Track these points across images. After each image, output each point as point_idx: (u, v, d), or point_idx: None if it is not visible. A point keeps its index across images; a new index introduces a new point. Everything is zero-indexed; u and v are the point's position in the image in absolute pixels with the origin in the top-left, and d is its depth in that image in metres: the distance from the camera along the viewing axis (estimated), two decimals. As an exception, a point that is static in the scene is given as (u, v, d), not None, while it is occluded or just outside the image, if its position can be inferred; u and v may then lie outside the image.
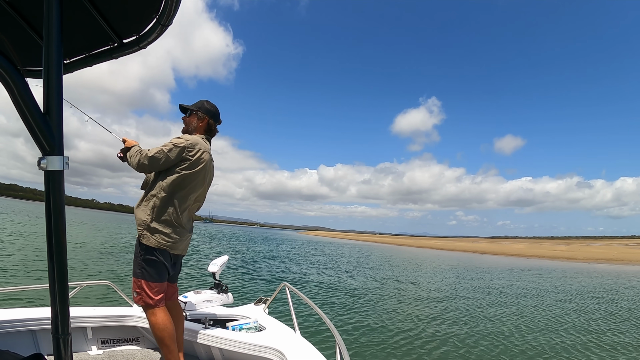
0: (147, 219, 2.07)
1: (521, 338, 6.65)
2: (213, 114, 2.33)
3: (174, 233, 2.12)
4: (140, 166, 2.08)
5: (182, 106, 2.33)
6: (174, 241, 2.12)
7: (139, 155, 2.07)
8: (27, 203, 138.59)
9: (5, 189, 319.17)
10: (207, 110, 2.31)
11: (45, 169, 0.80)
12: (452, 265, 26.15)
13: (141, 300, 2.10)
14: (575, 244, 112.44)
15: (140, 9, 1.14)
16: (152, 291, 2.09)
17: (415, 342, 5.95)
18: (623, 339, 7.00)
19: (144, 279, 2.08)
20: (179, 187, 2.12)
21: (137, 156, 2.08)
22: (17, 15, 1.21)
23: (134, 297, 2.14)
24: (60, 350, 0.85)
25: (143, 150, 2.11)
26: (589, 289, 15.18)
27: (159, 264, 2.11)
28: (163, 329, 2.07)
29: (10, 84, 0.76)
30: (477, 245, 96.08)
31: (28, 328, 2.30)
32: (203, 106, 2.31)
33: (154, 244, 2.07)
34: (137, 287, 2.10)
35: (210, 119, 2.32)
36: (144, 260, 2.08)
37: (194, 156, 2.14)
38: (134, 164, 2.08)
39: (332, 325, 2.01)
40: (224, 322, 2.70)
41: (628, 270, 30.07)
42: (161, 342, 2.08)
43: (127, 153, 2.14)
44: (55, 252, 0.84)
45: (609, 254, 57.39)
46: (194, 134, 2.27)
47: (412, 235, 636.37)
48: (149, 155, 2.05)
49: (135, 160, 2.08)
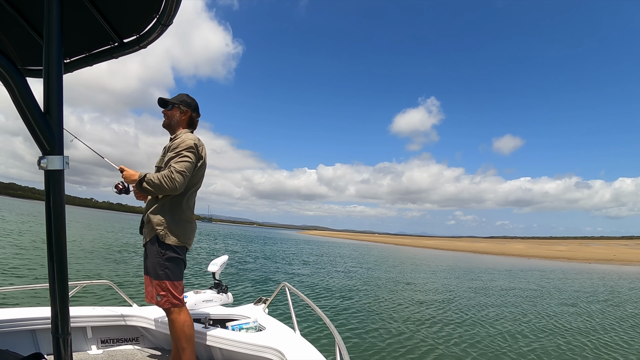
0: (165, 218, 2.10)
1: (525, 341, 6.58)
2: (195, 107, 2.34)
3: (190, 229, 2.21)
4: (180, 187, 2.02)
5: (162, 99, 2.29)
6: (190, 237, 2.21)
7: (166, 179, 2.00)
8: (26, 202, 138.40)
9: (4, 188, 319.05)
10: (188, 103, 2.32)
11: (45, 168, 0.80)
12: (452, 266, 26.16)
13: (167, 302, 2.08)
14: (575, 244, 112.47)
15: (140, 9, 1.14)
16: (177, 290, 2.12)
17: (416, 342, 5.95)
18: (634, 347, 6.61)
19: (168, 280, 2.08)
20: (191, 184, 2.18)
21: (166, 181, 1.99)
22: (18, 15, 1.21)
23: (158, 300, 2.09)
24: (60, 349, 0.84)
25: (163, 172, 2.03)
26: (593, 291, 14.96)
27: (180, 262, 2.16)
28: (188, 327, 2.10)
29: (10, 83, 0.76)
30: (476, 245, 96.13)
31: (28, 328, 2.30)
32: (184, 100, 2.31)
33: (175, 242, 2.11)
34: (161, 290, 2.07)
35: (193, 112, 2.33)
36: (168, 260, 2.09)
37: (202, 152, 2.21)
38: (170, 189, 2.01)
39: (332, 325, 2.01)
40: (224, 322, 2.70)
41: (630, 271, 30.00)
42: (181, 342, 2.08)
43: (142, 185, 2.04)
44: (55, 252, 0.83)
45: (610, 255, 57.42)
46: (177, 128, 2.29)
47: (410, 235, 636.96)
48: (179, 170, 2.02)
49: (167, 186, 1.99)
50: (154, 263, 2.09)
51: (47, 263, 0.85)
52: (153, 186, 2.02)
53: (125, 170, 2.13)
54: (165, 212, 2.11)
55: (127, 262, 12.02)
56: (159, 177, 2.02)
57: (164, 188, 2.01)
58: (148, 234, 2.14)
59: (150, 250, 2.12)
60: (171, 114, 2.29)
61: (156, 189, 2.03)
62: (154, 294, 2.10)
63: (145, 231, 2.17)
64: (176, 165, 2.04)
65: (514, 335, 6.91)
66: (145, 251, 2.17)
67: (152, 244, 2.11)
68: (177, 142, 2.16)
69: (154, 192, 2.06)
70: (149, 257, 2.13)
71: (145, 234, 2.17)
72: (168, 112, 2.30)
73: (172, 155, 2.10)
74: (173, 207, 2.13)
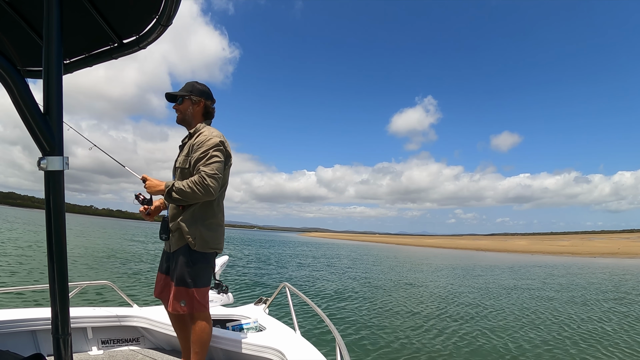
0: (197, 225, 1.93)
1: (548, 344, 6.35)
2: (208, 94, 2.10)
3: (221, 233, 2.05)
4: (215, 192, 1.85)
5: (169, 94, 2.07)
6: (221, 241, 2.06)
7: (199, 186, 1.81)
8: (26, 211, 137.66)
9: (3, 197, 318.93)
10: (201, 91, 2.08)
11: (45, 169, 0.80)
12: (456, 264, 25.96)
13: (192, 309, 1.95)
14: (577, 239, 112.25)
15: (140, 9, 1.14)
16: (205, 297, 1.99)
17: (417, 342, 5.93)
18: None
19: (196, 287, 1.94)
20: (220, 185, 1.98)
21: (199, 188, 1.81)
22: (17, 16, 1.22)
23: (182, 306, 1.94)
24: (60, 350, 0.84)
25: (193, 178, 1.83)
26: (601, 286, 14.35)
27: (210, 268, 2.04)
28: (207, 334, 2.00)
29: (10, 84, 0.76)
30: (478, 242, 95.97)
31: (28, 328, 2.30)
32: (195, 88, 2.07)
33: (208, 249, 1.97)
34: (186, 297, 1.94)
35: (207, 100, 2.10)
36: (199, 269, 1.96)
37: (229, 148, 2.01)
38: (204, 195, 1.82)
39: (332, 325, 2.01)
40: (224, 322, 2.70)
41: (637, 264, 29.52)
42: (196, 346, 1.99)
43: (171, 196, 1.87)
44: (55, 252, 0.83)
45: (614, 248, 57.27)
46: (193, 121, 2.07)
47: (411, 235, 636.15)
48: (210, 173, 1.83)
49: (201, 193, 1.81)
50: (183, 271, 1.94)
51: (47, 264, 0.86)
52: (185, 195, 1.82)
53: (148, 179, 1.94)
54: (197, 218, 1.93)
55: (127, 263, 12.02)
56: (189, 185, 1.81)
57: (198, 196, 1.81)
58: (177, 242, 1.97)
59: (179, 259, 1.95)
60: (183, 107, 2.06)
61: (189, 198, 1.83)
62: (179, 300, 1.95)
63: (172, 239, 1.99)
64: (206, 169, 1.83)
65: (533, 336, 6.60)
66: (172, 258, 2.00)
67: (181, 253, 1.95)
68: (201, 139, 1.93)
69: (186, 202, 1.87)
70: (177, 265, 1.95)
71: (173, 242, 1.99)
72: (179, 107, 2.06)
73: (200, 156, 1.88)
74: (205, 211, 1.95)
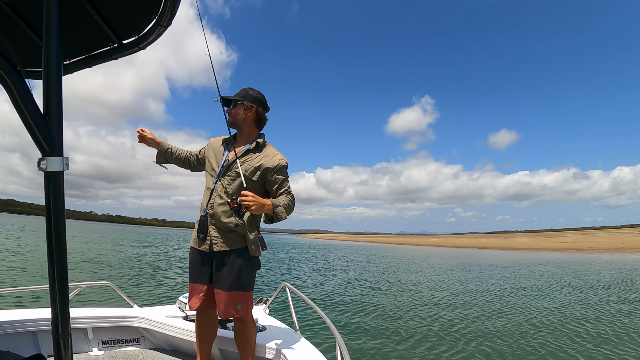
0: (257, 232, 2.04)
1: None
2: (260, 101, 2.11)
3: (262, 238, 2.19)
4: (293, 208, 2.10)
5: (224, 98, 2.10)
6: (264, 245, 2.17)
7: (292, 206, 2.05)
8: (25, 218, 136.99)
9: (2, 205, 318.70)
10: (254, 97, 2.10)
11: (45, 169, 0.80)
12: (459, 263, 25.86)
13: (248, 312, 2.05)
14: (578, 235, 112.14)
15: (139, 10, 1.14)
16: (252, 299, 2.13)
17: (418, 342, 5.92)
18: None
19: (252, 290, 2.08)
20: None
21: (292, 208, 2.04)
22: (17, 16, 1.22)
23: (238, 309, 1.97)
24: (60, 351, 0.84)
25: (288, 199, 2.03)
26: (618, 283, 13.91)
27: None
28: (255, 335, 2.13)
29: (10, 85, 0.77)
30: (479, 241, 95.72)
31: (28, 329, 2.30)
32: (248, 94, 2.10)
33: (259, 254, 2.09)
34: (243, 301, 2.00)
35: (259, 107, 2.11)
36: (255, 273, 2.09)
37: None
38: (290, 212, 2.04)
39: (333, 325, 2.01)
40: (224, 322, 2.70)
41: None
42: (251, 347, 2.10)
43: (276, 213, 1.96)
44: (55, 253, 0.83)
45: (618, 243, 57.18)
46: (244, 126, 2.12)
47: (411, 234, 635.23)
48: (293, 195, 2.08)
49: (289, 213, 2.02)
50: (239, 275, 1.97)
51: (47, 264, 0.86)
52: (283, 216, 1.99)
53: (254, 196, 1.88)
54: (253, 225, 2.03)
55: (127, 264, 12.02)
56: (289, 205, 2.01)
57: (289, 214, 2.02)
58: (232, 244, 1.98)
59: (233, 262, 1.97)
60: (235, 112, 2.09)
61: (282, 218, 2.00)
62: (235, 304, 1.96)
63: (226, 241, 1.98)
64: (292, 191, 2.06)
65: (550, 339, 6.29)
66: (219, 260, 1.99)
67: (238, 257, 1.98)
68: (277, 160, 2.05)
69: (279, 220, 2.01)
70: (231, 269, 1.96)
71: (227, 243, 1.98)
72: (232, 111, 2.10)
73: (281, 178, 2.04)
74: (256, 219, 2.06)
